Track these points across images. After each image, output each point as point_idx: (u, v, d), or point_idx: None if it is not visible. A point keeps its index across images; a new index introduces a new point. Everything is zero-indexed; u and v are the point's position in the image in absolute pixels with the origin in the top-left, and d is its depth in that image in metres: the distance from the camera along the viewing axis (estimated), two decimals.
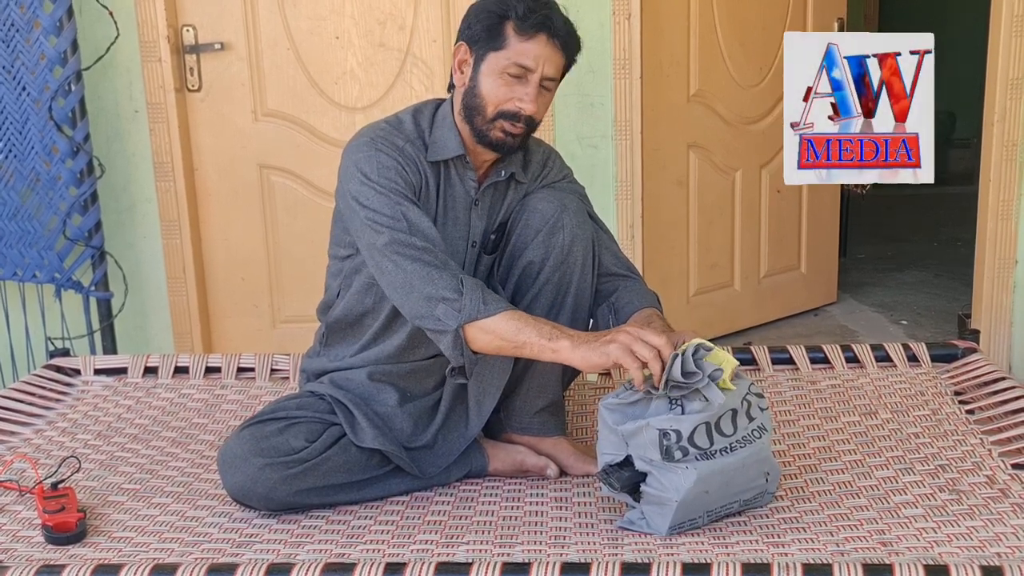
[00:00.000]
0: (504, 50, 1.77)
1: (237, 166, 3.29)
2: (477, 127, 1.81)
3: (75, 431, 2.17)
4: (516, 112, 1.78)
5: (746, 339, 3.84)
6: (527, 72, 1.77)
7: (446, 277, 1.71)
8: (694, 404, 1.65)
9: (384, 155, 1.78)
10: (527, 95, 1.78)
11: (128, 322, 3.28)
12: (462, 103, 1.83)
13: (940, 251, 5.35)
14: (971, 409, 2.10)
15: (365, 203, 1.76)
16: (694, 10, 3.54)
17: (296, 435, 1.78)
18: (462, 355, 1.73)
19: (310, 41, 3.21)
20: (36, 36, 2.93)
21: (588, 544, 1.64)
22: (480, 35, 1.79)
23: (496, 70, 1.78)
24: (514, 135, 1.81)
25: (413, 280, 1.72)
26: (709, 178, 3.71)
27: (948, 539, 1.59)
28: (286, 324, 3.39)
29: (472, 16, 1.82)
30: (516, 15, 1.76)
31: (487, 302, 1.70)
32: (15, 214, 3.06)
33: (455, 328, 1.70)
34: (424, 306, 1.72)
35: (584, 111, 3.19)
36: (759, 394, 1.72)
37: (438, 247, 1.76)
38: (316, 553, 1.63)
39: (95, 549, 1.65)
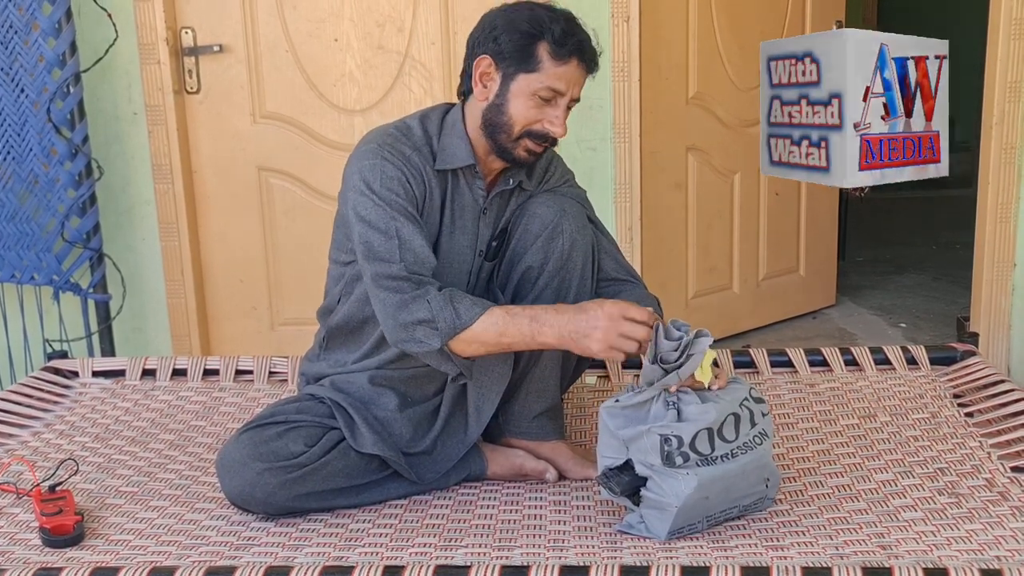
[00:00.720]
0: (538, 73, 1.75)
1: (236, 168, 3.28)
2: (501, 144, 1.80)
3: (73, 433, 2.17)
4: (545, 133, 1.79)
5: (745, 342, 3.84)
6: (558, 96, 1.77)
7: (416, 298, 1.72)
8: (691, 408, 1.65)
9: (389, 164, 1.78)
10: (557, 118, 1.78)
11: (126, 324, 3.28)
12: (484, 118, 1.81)
13: (939, 254, 5.35)
14: (970, 412, 2.10)
15: (362, 215, 1.76)
16: (693, 13, 3.54)
17: (295, 439, 1.77)
18: (455, 365, 1.76)
19: (309, 43, 3.21)
20: (35, 38, 2.93)
21: (587, 547, 1.64)
22: (510, 53, 1.76)
23: (527, 92, 1.76)
24: (537, 153, 1.82)
25: (388, 309, 1.74)
26: (708, 181, 3.71)
27: (947, 542, 1.59)
28: (284, 326, 3.38)
29: (499, 30, 1.77)
30: (553, 39, 1.74)
31: (460, 314, 1.71)
32: (13, 216, 3.06)
33: (438, 347, 1.72)
34: (403, 332, 1.74)
35: (583, 114, 3.19)
36: (760, 399, 1.72)
37: (425, 266, 1.76)
38: (314, 556, 1.63)
39: (93, 552, 1.65)
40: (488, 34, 1.79)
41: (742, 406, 1.68)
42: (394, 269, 1.74)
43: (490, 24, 1.80)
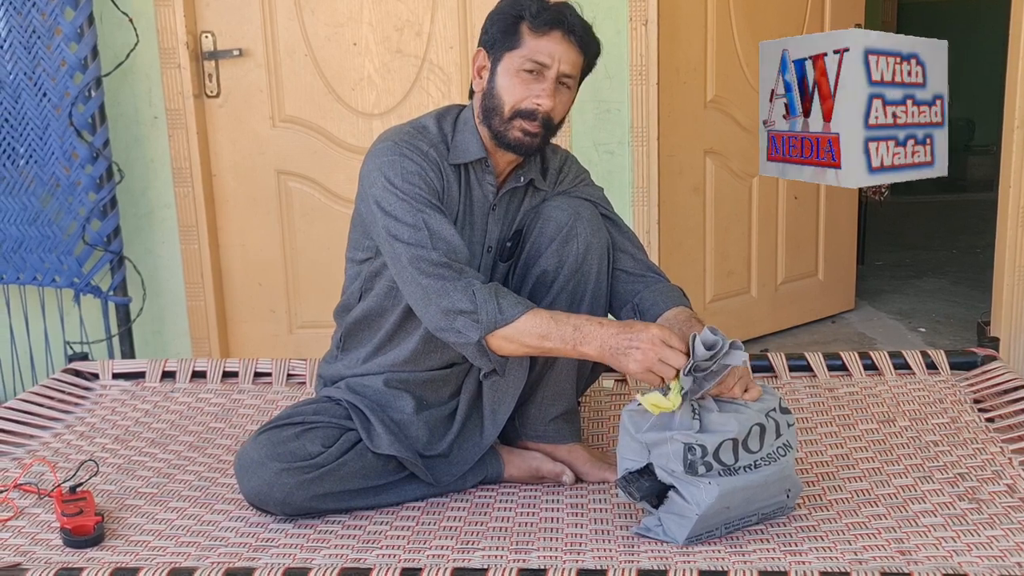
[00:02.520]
0: (519, 48, 1.78)
1: (255, 172, 3.30)
2: (495, 128, 1.81)
3: (93, 435, 2.18)
4: (533, 110, 1.78)
5: (763, 346, 3.83)
6: (543, 68, 1.78)
7: (460, 288, 1.71)
8: (711, 416, 1.64)
9: (408, 160, 1.79)
10: (543, 91, 1.78)
11: (146, 327, 3.30)
12: (481, 106, 1.84)
13: (959, 258, 5.32)
14: (991, 417, 2.08)
15: (387, 209, 1.77)
16: (711, 16, 3.53)
17: (313, 440, 1.78)
18: (490, 361, 1.75)
19: (328, 48, 3.23)
20: (57, 43, 2.96)
21: (604, 550, 1.64)
22: (496, 38, 1.81)
23: (512, 69, 1.79)
24: (532, 134, 1.80)
25: (430, 294, 1.73)
26: (726, 184, 3.70)
27: (968, 548, 1.58)
28: (303, 329, 3.40)
29: (488, 21, 1.84)
30: (530, 14, 1.78)
31: (503, 309, 1.70)
32: (35, 219, 3.09)
33: (477, 340, 1.70)
34: (443, 319, 1.72)
35: (601, 117, 3.19)
36: (786, 410, 1.70)
37: (459, 254, 1.76)
38: (332, 558, 1.63)
39: (112, 552, 1.66)
40: (482, 29, 1.85)
41: (768, 417, 1.67)
42: (429, 254, 1.73)
43: (485, 23, 1.86)
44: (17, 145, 3.06)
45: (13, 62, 2.99)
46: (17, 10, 2.95)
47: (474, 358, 1.76)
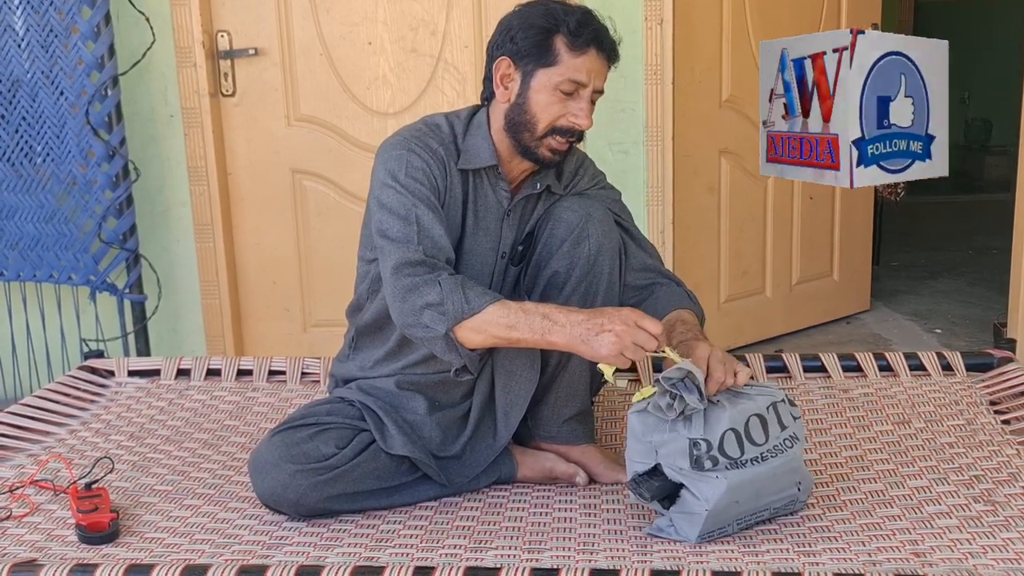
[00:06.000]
0: (556, 66, 1.75)
1: (270, 171, 3.31)
2: (524, 143, 1.80)
3: (109, 432, 2.19)
4: (571, 128, 1.78)
5: (777, 346, 3.82)
6: (580, 87, 1.76)
7: (428, 282, 1.70)
8: (710, 410, 1.64)
9: (416, 156, 1.78)
10: (582, 111, 1.76)
11: (161, 325, 3.32)
12: (507, 119, 1.81)
13: (975, 259, 5.29)
14: (1007, 419, 2.07)
15: (384, 202, 1.77)
16: (727, 15, 3.52)
17: (326, 441, 1.78)
18: (460, 356, 1.72)
19: (343, 47, 3.23)
20: (74, 41, 2.97)
21: (617, 550, 1.64)
22: (527, 50, 1.76)
23: (548, 87, 1.76)
24: (561, 152, 1.81)
25: (402, 293, 1.72)
26: (741, 184, 3.69)
27: (983, 551, 1.57)
28: (317, 328, 3.41)
29: (515, 30, 1.78)
30: (568, 30, 1.74)
31: (469, 300, 1.68)
32: (52, 217, 3.11)
33: (444, 332, 1.69)
34: (411, 315, 1.71)
35: (615, 117, 3.19)
36: (791, 402, 1.70)
37: (442, 253, 1.75)
38: (345, 556, 1.63)
39: (127, 549, 1.67)
40: (505, 35, 1.80)
41: (768, 409, 1.67)
42: (411, 254, 1.72)
43: (506, 26, 1.81)
44: (34, 143, 3.08)
45: (31, 61, 3.01)
46: (35, 9, 2.97)
47: (443, 353, 1.73)
